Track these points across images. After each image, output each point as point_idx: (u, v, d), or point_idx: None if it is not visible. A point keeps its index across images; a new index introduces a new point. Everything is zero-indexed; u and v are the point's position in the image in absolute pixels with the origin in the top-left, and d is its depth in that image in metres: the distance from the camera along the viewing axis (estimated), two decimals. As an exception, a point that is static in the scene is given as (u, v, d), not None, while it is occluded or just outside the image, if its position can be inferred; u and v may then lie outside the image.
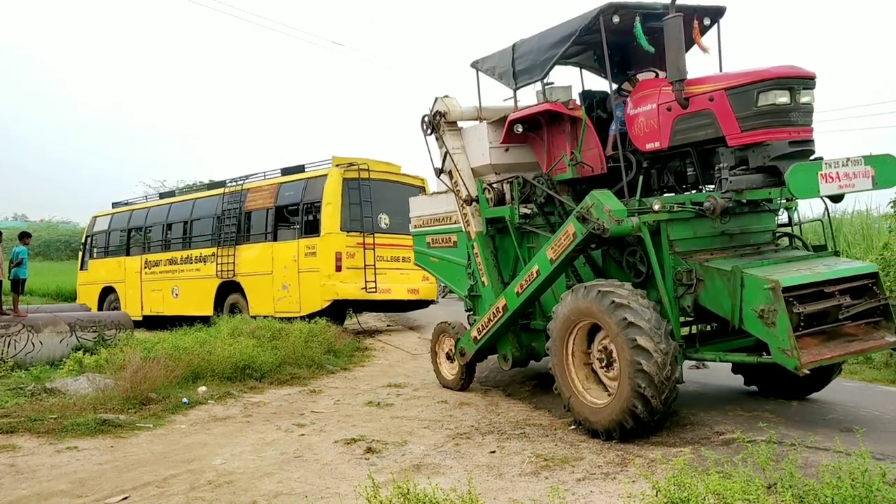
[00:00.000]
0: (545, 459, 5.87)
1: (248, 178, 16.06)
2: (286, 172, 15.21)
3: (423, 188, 14.70)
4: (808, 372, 5.53)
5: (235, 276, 15.28)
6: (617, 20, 6.81)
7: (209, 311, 15.54)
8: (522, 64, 7.67)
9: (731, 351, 6.62)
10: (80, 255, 21.03)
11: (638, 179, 6.78)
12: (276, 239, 14.75)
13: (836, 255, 6.83)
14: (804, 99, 6.02)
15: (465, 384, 9.06)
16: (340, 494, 5.24)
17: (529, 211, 7.95)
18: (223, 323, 12.24)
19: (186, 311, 16.19)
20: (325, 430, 7.35)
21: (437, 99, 8.76)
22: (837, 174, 5.73)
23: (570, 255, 6.88)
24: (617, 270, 7.17)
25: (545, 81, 7.64)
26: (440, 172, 8.87)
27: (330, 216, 13.67)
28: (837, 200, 6.34)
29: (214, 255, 15.79)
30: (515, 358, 8.41)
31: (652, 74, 7.38)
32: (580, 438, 6.53)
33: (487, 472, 5.68)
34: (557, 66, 7.48)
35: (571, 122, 7.45)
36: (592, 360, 6.69)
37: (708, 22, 7.20)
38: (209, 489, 5.51)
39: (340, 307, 14.35)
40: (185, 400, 8.45)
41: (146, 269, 17.87)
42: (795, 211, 7.25)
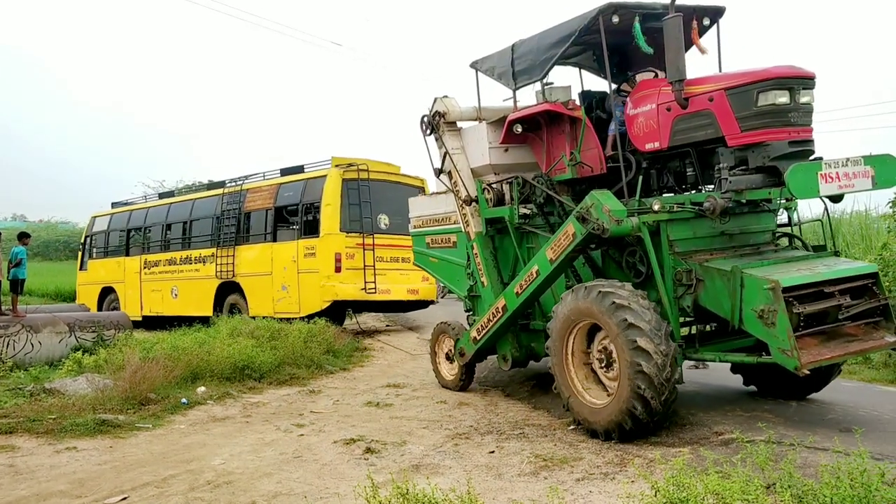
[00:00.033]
0: (544, 459, 5.86)
1: (247, 178, 16.05)
2: (285, 173, 15.20)
3: (422, 188, 14.69)
4: (808, 372, 5.53)
5: (235, 276, 15.27)
6: (616, 20, 6.81)
7: (209, 311, 15.53)
8: (522, 64, 7.66)
9: (730, 351, 6.62)
10: (79, 255, 21.00)
11: (637, 180, 6.77)
12: (275, 239, 14.75)
13: (835, 255, 6.83)
14: (804, 99, 6.02)
15: (464, 385, 9.06)
16: (339, 495, 5.23)
17: (529, 211, 7.94)
18: (222, 323, 12.23)
19: (186, 311, 16.18)
20: (324, 430, 7.35)
21: (436, 99, 8.75)
22: (837, 174, 5.72)
23: (569, 255, 6.88)
24: (616, 271, 7.16)
25: (544, 82, 7.63)
26: (439, 173, 8.86)
27: (329, 217, 13.66)
28: (837, 200, 6.34)
29: (214, 255, 15.77)
30: (515, 358, 8.41)
31: (651, 74, 7.38)
32: (579, 438, 6.52)
33: (486, 472, 5.68)
34: (557, 66, 7.47)
35: (571, 122, 7.44)
36: (592, 360, 6.68)
37: (707, 22, 7.20)
38: (208, 489, 5.51)
39: (340, 308, 14.34)
40: (184, 400, 8.44)
41: (145, 269, 17.85)
42: (795, 211, 7.26)
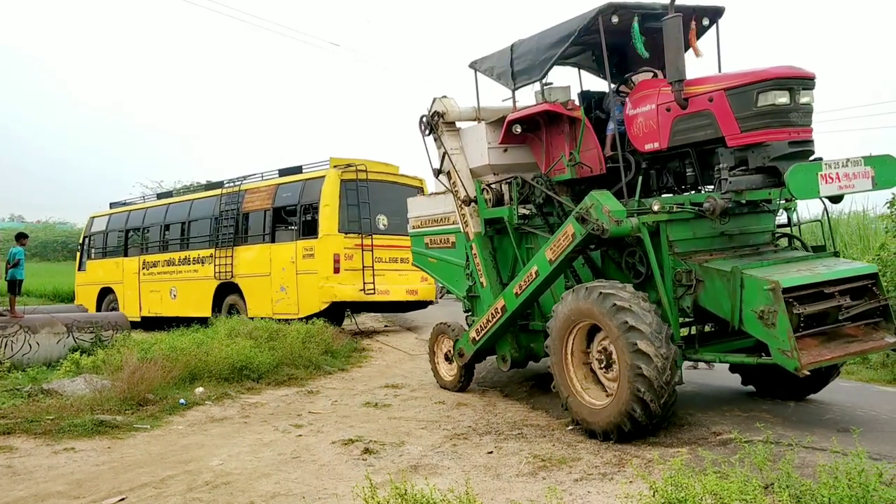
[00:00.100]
0: (542, 460, 5.86)
1: (245, 178, 16.03)
2: (284, 173, 15.17)
3: (421, 188, 14.67)
4: (808, 373, 5.53)
5: (233, 277, 15.25)
6: (616, 20, 6.80)
7: (207, 312, 15.51)
8: (521, 64, 7.65)
9: (730, 352, 6.61)
10: (77, 255, 20.97)
11: (637, 180, 6.76)
12: (273, 240, 14.72)
13: (835, 255, 6.82)
14: (804, 99, 6.02)
15: (463, 385, 9.04)
16: (338, 495, 5.22)
17: (528, 211, 7.92)
18: (220, 324, 12.22)
19: (185, 312, 16.15)
20: (322, 430, 7.33)
21: (435, 99, 8.74)
22: (837, 175, 5.72)
23: (569, 255, 6.87)
24: (616, 271, 7.15)
25: (544, 82, 7.63)
26: (438, 173, 8.85)
27: (328, 218, 13.63)
28: (837, 201, 6.33)
29: (212, 256, 15.75)
30: (514, 359, 8.39)
31: (650, 75, 7.37)
32: (577, 439, 6.51)
33: (485, 472, 5.67)
34: (556, 66, 7.47)
35: (570, 122, 7.43)
36: (591, 360, 6.67)
37: (707, 22, 7.20)
38: (206, 490, 5.49)
39: (339, 308, 14.32)
40: (182, 401, 8.42)
41: (144, 269, 17.82)
42: (794, 211, 7.25)
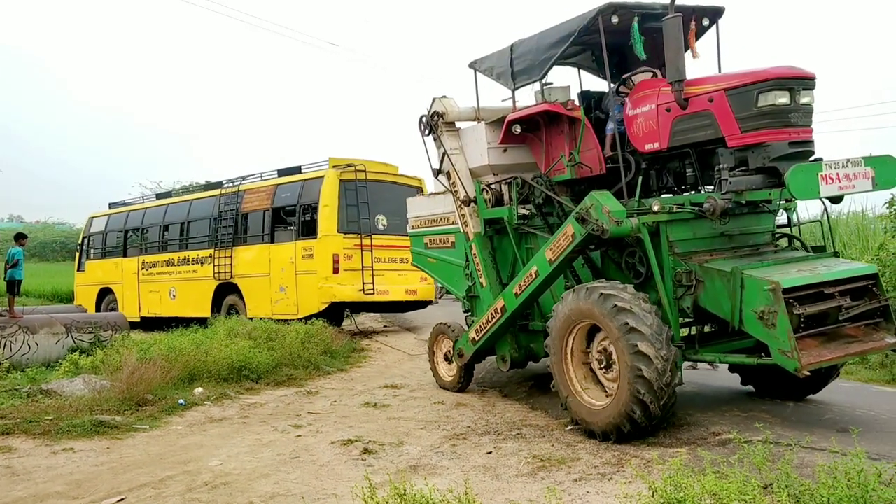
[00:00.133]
0: (542, 460, 5.85)
1: (244, 179, 16.01)
2: (283, 173, 15.16)
3: (420, 188, 14.65)
4: (808, 373, 5.52)
5: (233, 277, 15.24)
6: (616, 20, 6.79)
7: (207, 312, 15.49)
8: (521, 64, 7.64)
9: (730, 352, 6.60)
10: (76, 256, 20.95)
11: (637, 180, 6.75)
12: (273, 240, 14.71)
13: (835, 255, 6.81)
14: (804, 99, 6.01)
15: (462, 386, 9.02)
16: (337, 495, 5.21)
17: (528, 212, 7.91)
18: (219, 324, 12.21)
19: (184, 312, 16.13)
20: (321, 431, 7.32)
21: (434, 99, 8.73)
22: (838, 175, 5.71)
23: (569, 255, 6.86)
24: (616, 271, 7.13)
25: (544, 82, 7.62)
26: (438, 173, 8.84)
27: (327, 218, 13.62)
28: (837, 201, 6.33)
29: (211, 256, 15.74)
30: (514, 359, 8.38)
31: (649, 75, 7.36)
32: (577, 439, 6.51)
33: (484, 472, 5.66)
34: (556, 66, 7.46)
35: (570, 122, 7.42)
36: (591, 360, 6.65)
37: (707, 22, 7.19)
38: (205, 490, 5.48)
39: (338, 309, 14.31)
40: (181, 401, 8.40)
41: (143, 270, 17.81)
42: (794, 212, 7.24)
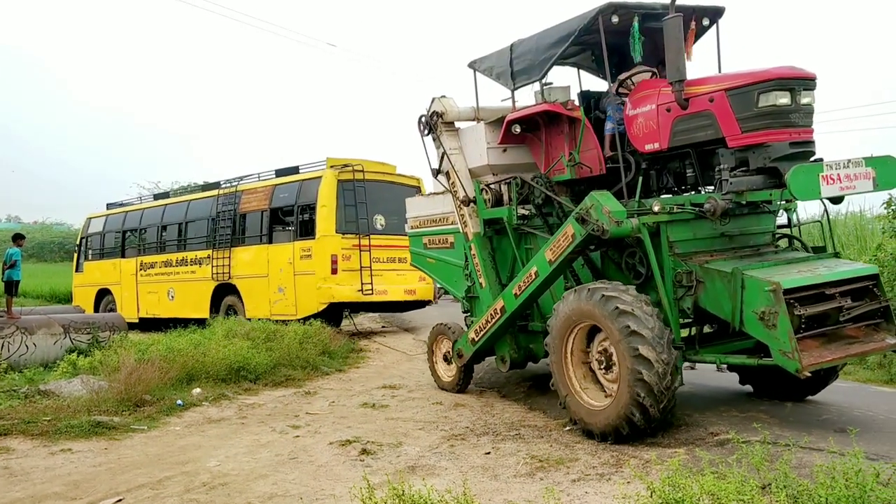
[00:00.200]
0: (540, 460, 5.84)
1: (242, 179, 15.98)
2: (280, 174, 15.11)
3: (418, 188, 14.64)
4: (809, 374, 5.51)
5: (231, 278, 15.21)
6: (616, 20, 6.77)
7: (205, 313, 15.46)
8: (521, 64, 7.62)
9: (730, 353, 6.58)
10: (75, 257, 20.92)
11: (637, 180, 6.73)
12: (271, 241, 14.68)
13: (836, 256, 6.80)
14: (805, 100, 5.99)
15: (462, 386, 8.99)
16: (335, 496, 5.20)
17: (527, 212, 7.89)
18: (218, 324, 12.18)
19: (182, 313, 16.09)
20: (319, 431, 7.30)
21: (434, 99, 8.71)
22: (838, 176, 5.70)
23: (568, 256, 6.83)
24: (616, 272, 7.11)
25: (543, 82, 7.60)
26: (437, 173, 8.82)
27: (325, 218, 13.59)
28: (837, 202, 6.31)
29: (210, 257, 15.71)
30: (513, 359, 8.35)
31: (648, 74, 7.34)
32: (575, 439, 6.50)
33: (482, 473, 5.65)
34: (556, 66, 7.44)
35: (570, 122, 7.40)
36: (591, 359, 6.64)
37: (707, 22, 7.18)
38: (204, 491, 5.46)
39: (337, 309, 14.29)
40: (179, 402, 8.39)
41: (142, 271, 17.78)
42: (795, 212, 7.23)
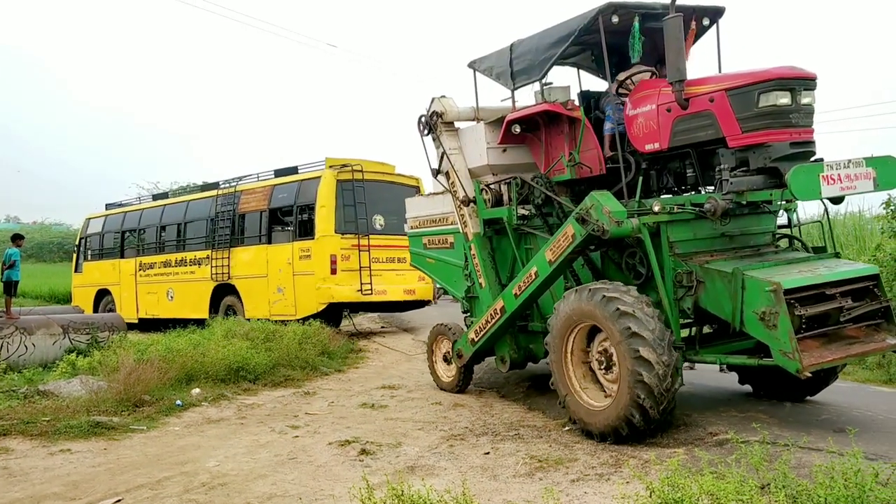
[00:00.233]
0: (539, 461, 5.83)
1: (241, 179, 15.96)
2: (279, 174, 15.09)
3: (417, 188, 14.63)
4: (809, 375, 5.50)
5: (230, 278, 15.19)
6: (616, 20, 6.77)
7: (204, 313, 15.44)
8: (520, 64, 7.61)
9: (731, 353, 6.56)
10: (74, 257, 20.90)
11: (637, 180, 6.72)
12: (270, 241, 14.66)
13: (836, 256, 6.79)
14: (805, 100, 5.98)
15: (462, 387, 8.98)
16: (335, 496, 5.19)
17: (527, 212, 7.88)
18: (217, 325, 12.16)
19: (182, 313, 16.07)
20: (319, 431, 7.30)
21: (434, 99, 8.70)
22: (839, 176, 5.69)
23: (569, 256, 6.82)
24: (616, 272, 7.10)
25: (543, 82, 7.59)
26: (437, 173, 8.81)
27: (324, 219, 13.58)
28: (838, 202, 6.29)
29: (209, 257, 15.69)
30: (513, 360, 8.34)
31: (647, 74, 7.33)
32: (574, 439, 6.49)
33: (481, 473, 5.64)
34: (556, 66, 7.43)
35: (570, 122, 7.39)
36: (591, 359, 6.62)
37: (707, 22, 7.18)
38: (203, 491, 5.45)
39: (336, 309, 14.28)
40: (178, 402, 8.37)
41: (141, 271, 17.76)
42: (795, 212, 7.22)
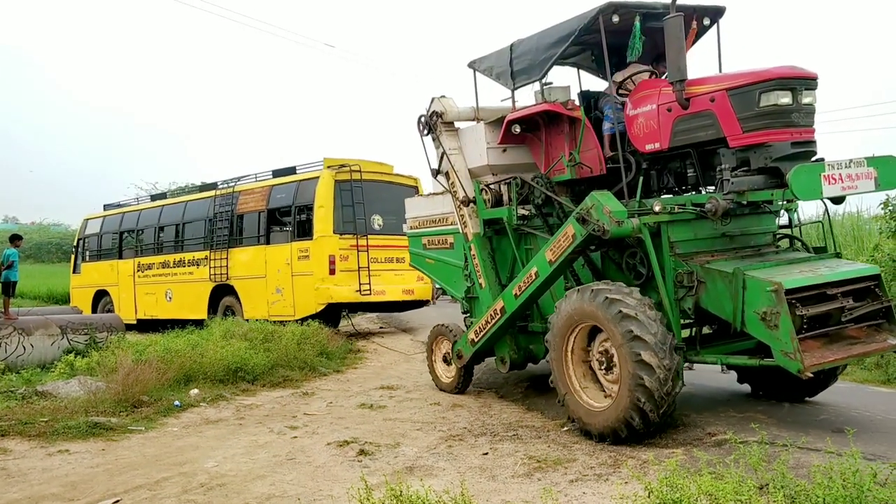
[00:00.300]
0: (538, 461, 5.81)
1: (239, 180, 15.94)
2: (277, 174, 15.07)
3: (416, 188, 14.63)
4: (811, 375, 5.48)
5: (229, 279, 15.17)
6: (616, 20, 6.74)
7: (203, 314, 15.42)
8: (521, 64, 7.60)
9: (731, 353, 6.54)
10: (72, 258, 20.87)
11: (637, 180, 6.70)
12: (268, 242, 14.63)
13: (837, 256, 6.78)
14: (806, 100, 5.96)
15: (461, 388, 8.95)
16: (333, 497, 5.18)
17: (527, 212, 7.86)
18: (215, 325, 12.13)
19: (180, 314, 16.05)
20: (317, 432, 7.28)
21: (433, 99, 8.68)
22: (840, 175, 5.67)
23: (569, 256, 6.80)
24: (616, 272, 7.08)
25: (543, 81, 7.57)
26: (437, 173, 8.79)
27: (322, 219, 13.55)
28: (839, 202, 6.27)
29: (207, 258, 15.67)
30: (513, 360, 8.31)
31: (647, 74, 7.32)
32: (573, 440, 6.48)
33: (480, 473, 5.63)
34: (556, 66, 7.42)
35: (570, 122, 7.38)
36: (591, 358, 6.60)
37: (707, 22, 7.16)
38: (201, 492, 5.44)
39: (335, 310, 14.25)
40: (176, 402, 8.35)
41: (139, 272, 17.73)
42: (795, 212, 7.21)
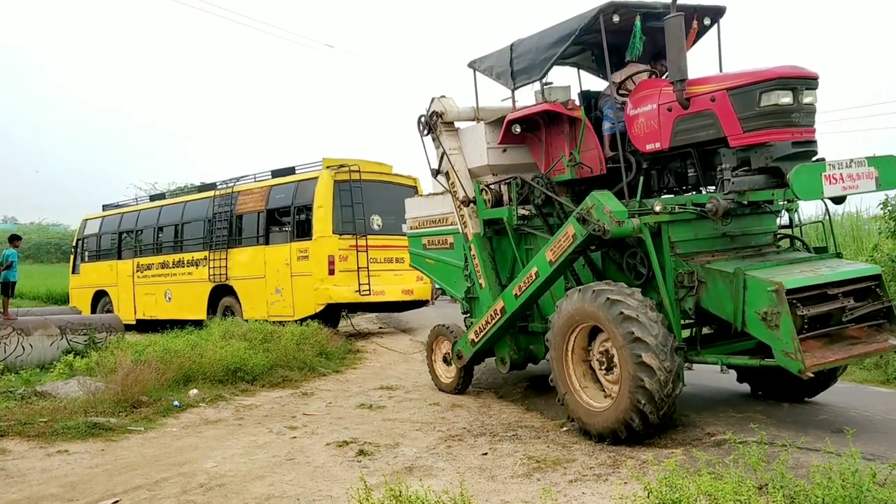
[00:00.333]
0: (537, 461, 5.81)
1: (238, 180, 15.93)
2: (276, 174, 15.06)
3: (415, 188, 14.63)
4: (812, 375, 5.47)
5: (228, 279, 15.15)
6: (617, 20, 6.73)
7: (202, 314, 15.41)
8: (521, 64, 7.59)
9: (732, 353, 6.53)
10: (71, 258, 20.86)
11: (638, 180, 6.70)
12: (267, 242, 14.62)
13: (838, 256, 6.77)
14: (807, 99, 5.95)
15: (461, 388, 8.94)
16: (332, 497, 5.17)
17: (527, 212, 7.85)
18: (215, 325, 12.12)
19: (180, 314, 16.04)
20: (316, 432, 7.27)
21: (433, 99, 8.67)
22: (841, 175, 5.66)
23: (569, 256, 6.79)
24: (617, 272, 7.06)
25: (544, 81, 7.56)
26: (437, 173, 8.77)
27: (321, 219, 13.54)
28: (839, 202, 6.26)
29: (206, 258, 15.66)
30: (513, 360, 8.30)
31: (646, 74, 7.31)
32: (572, 440, 6.47)
33: (479, 473, 5.62)
34: (556, 66, 7.41)
35: (570, 122, 7.37)
36: (592, 358, 6.59)
37: (708, 22, 7.16)
38: (200, 492, 5.43)
39: (334, 310, 14.24)
40: (176, 403, 8.34)
41: (138, 272, 17.72)
42: (796, 212, 7.20)
